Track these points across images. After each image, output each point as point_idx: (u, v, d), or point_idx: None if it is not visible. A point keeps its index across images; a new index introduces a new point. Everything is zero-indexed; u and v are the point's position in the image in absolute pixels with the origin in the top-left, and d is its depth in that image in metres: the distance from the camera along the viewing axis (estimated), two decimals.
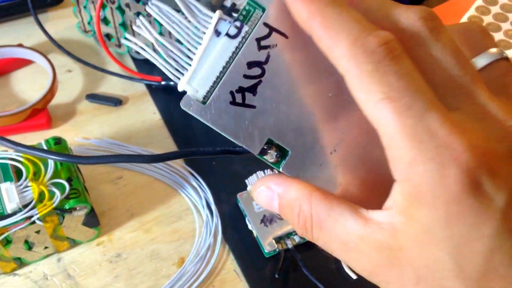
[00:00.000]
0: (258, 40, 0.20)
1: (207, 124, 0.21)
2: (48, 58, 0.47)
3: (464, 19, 0.50)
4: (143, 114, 0.47)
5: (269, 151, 0.21)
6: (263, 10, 0.20)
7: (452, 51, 0.18)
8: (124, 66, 0.47)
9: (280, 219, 0.38)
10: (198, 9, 0.21)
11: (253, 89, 0.20)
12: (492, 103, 0.18)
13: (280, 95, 0.20)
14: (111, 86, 0.49)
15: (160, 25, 0.41)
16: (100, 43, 0.46)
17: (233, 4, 0.44)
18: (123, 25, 0.48)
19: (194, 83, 0.20)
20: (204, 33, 0.20)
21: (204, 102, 0.20)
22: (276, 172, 0.22)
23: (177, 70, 0.21)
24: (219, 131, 0.21)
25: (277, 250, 0.37)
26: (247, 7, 0.20)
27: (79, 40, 0.53)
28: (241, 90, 0.20)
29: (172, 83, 0.47)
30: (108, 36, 0.50)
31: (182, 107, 0.20)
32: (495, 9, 0.51)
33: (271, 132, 0.21)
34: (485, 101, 0.18)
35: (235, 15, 0.20)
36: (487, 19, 0.51)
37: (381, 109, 0.17)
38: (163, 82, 0.48)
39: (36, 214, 0.33)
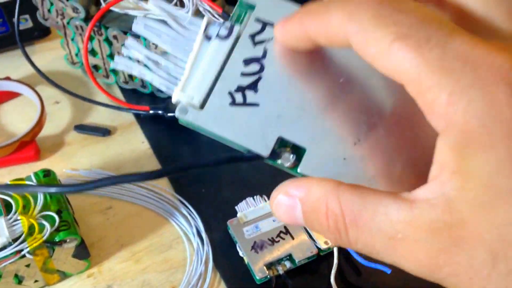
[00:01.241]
0: (252, 36, 0.19)
1: (207, 130, 0.19)
2: (35, 90, 0.47)
3: None
4: (131, 144, 0.47)
5: (283, 154, 0.19)
6: (253, 8, 0.19)
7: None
8: (112, 96, 0.48)
9: (270, 245, 0.38)
10: (185, 18, 0.20)
11: (253, 86, 0.19)
12: (501, 28, 0.15)
13: (284, 88, 0.19)
14: (99, 116, 0.50)
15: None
16: (88, 74, 0.46)
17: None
18: (111, 56, 0.48)
19: (188, 90, 0.19)
20: (195, 40, 0.20)
21: (201, 107, 0.19)
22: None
23: (171, 82, 0.20)
24: (221, 137, 0.19)
25: (268, 276, 0.37)
26: (238, 9, 0.20)
27: (66, 72, 0.53)
28: (241, 89, 0.19)
29: (160, 112, 0.47)
30: (96, 67, 0.51)
31: (177, 116, 0.19)
32: None
33: (280, 129, 0.19)
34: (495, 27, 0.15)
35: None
36: None
37: (396, 52, 0.14)
38: (151, 111, 0.48)
39: (26, 248, 0.33)
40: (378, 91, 0.19)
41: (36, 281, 0.35)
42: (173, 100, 0.19)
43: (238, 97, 0.19)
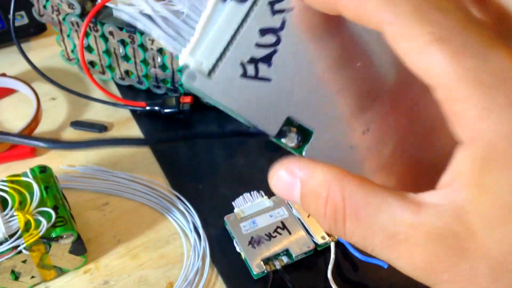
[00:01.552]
0: (272, 3, 0.17)
1: (214, 99, 0.18)
2: (31, 86, 0.47)
3: None
4: None
5: (289, 134, 0.18)
6: None
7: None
8: (109, 92, 0.48)
9: (267, 240, 0.38)
10: None
11: (267, 60, 0.18)
12: None
13: (299, 65, 0.18)
14: (96, 112, 0.49)
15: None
16: (84, 70, 0.46)
17: None
18: (107, 52, 0.48)
19: (198, 55, 0.18)
20: None
21: (209, 76, 0.18)
22: None
23: (178, 42, 0.19)
24: (228, 109, 0.18)
25: (265, 271, 0.37)
26: None
27: (62, 68, 0.53)
28: (254, 61, 0.18)
29: (156, 108, 0.47)
30: (92, 63, 0.50)
31: (184, 82, 0.18)
32: None
33: (290, 109, 0.18)
34: None
35: None
36: None
37: (431, 54, 0.14)
38: (147, 108, 0.48)
39: (23, 244, 0.33)
40: (397, 84, 0.18)
41: (32, 277, 0.35)
42: (180, 63, 0.18)
43: (250, 70, 0.18)
